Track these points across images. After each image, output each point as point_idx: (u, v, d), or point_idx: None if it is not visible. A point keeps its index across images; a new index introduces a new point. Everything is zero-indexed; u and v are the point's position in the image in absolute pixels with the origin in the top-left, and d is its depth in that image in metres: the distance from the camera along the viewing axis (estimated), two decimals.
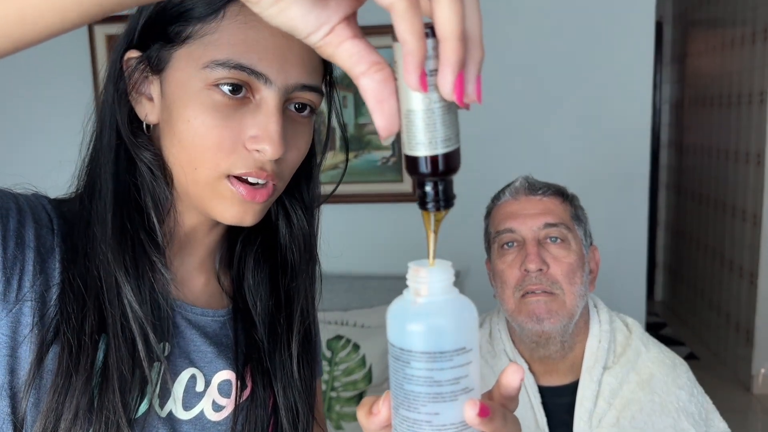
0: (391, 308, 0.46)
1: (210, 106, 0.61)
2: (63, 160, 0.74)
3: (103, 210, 0.65)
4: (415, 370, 0.44)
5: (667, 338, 4.41)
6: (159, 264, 0.66)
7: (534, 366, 1.22)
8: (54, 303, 0.62)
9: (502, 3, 2.47)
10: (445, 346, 0.44)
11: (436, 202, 0.44)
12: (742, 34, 3.67)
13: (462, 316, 0.46)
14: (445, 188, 0.44)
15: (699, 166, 4.41)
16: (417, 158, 0.43)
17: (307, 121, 0.66)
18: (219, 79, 0.61)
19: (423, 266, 0.46)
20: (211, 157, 0.62)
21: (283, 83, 0.62)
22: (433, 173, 0.43)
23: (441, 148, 0.42)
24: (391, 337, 0.46)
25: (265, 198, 0.64)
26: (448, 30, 0.38)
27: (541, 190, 1.20)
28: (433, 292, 0.45)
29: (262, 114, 0.61)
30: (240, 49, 0.60)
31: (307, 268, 0.77)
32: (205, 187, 0.64)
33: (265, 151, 0.61)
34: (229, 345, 0.74)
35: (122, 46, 0.66)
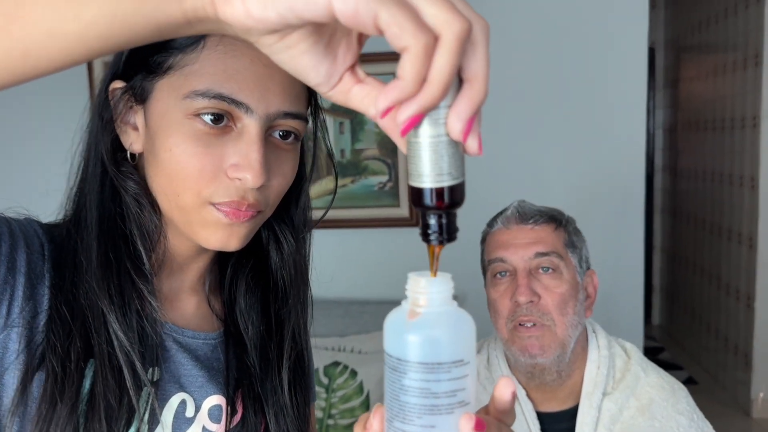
0: (389, 318, 0.46)
1: (191, 135, 0.62)
2: (50, 189, 0.74)
3: (88, 239, 0.65)
4: (411, 381, 0.44)
5: (666, 362, 4.39)
6: (145, 291, 0.66)
7: (532, 393, 1.21)
8: (41, 329, 0.62)
9: (497, 30, 2.49)
10: (442, 358, 0.44)
11: (439, 235, 0.44)
12: (733, 60, 3.72)
13: (460, 328, 0.45)
14: (448, 222, 0.44)
15: (694, 189, 4.44)
16: (422, 190, 0.43)
17: (291, 148, 0.67)
18: (200, 109, 0.61)
19: (423, 277, 0.46)
20: (193, 184, 0.62)
21: (264, 111, 0.62)
22: (438, 206, 0.43)
23: (446, 181, 0.42)
24: (388, 347, 0.45)
25: (249, 218, 0.64)
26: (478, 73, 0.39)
27: (532, 219, 1.20)
28: (432, 303, 0.45)
29: (243, 142, 0.62)
30: (220, 78, 0.61)
31: (299, 292, 0.77)
32: (189, 213, 0.64)
33: (246, 180, 0.61)
34: (220, 369, 0.73)
35: (108, 76, 0.67)
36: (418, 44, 0.36)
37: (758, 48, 3.36)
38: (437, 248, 0.45)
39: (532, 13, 2.50)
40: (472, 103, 0.39)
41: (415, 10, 0.37)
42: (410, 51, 0.37)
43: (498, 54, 2.66)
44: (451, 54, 0.37)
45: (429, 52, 0.37)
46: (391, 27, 0.36)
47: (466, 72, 0.39)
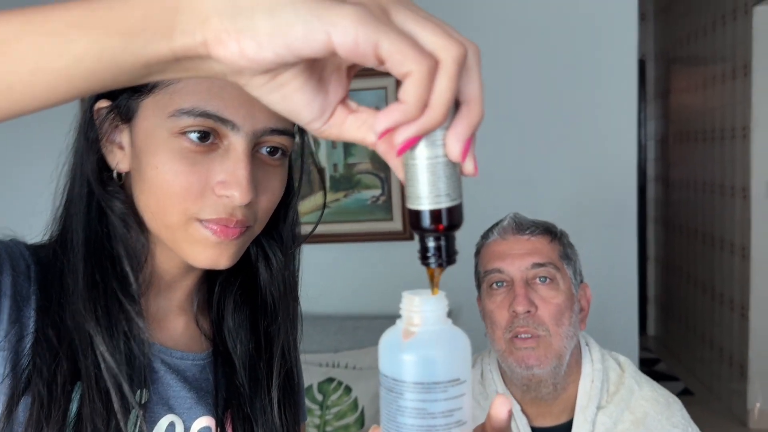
0: (384, 338, 0.46)
1: (178, 152, 0.61)
2: (36, 210, 0.74)
3: (74, 260, 0.65)
4: (407, 402, 0.44)
5: (661, 374, 4.38)
6: (133, 312, 0.65)
7: (527, 407, 1.20)
8: (27, 353, 0.61)
9: (486, 43, 2.51)
10: (438, 377, 0.43)
11: (438, 258, 0.44)
12: (722, 71, 3.75)
13: (456, 347, 0.45)
14: (447, 244, 0.44)
15: (686, 199, 4.46)
16: (420, 212, 0.42)
17: (279, 164, 0.66)
18: (185, 127, 0.61)
19: (417, 295, 0.45)
20: (179, 201, 0.62)
21: (250, 128, 0.62)
22: (437, 228, 0.43)
23: (444, 203, 0.42)
24: (384, 367, 0.45)
25: (238, 235, 0.64)
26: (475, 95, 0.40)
27: (529, 230, 1.20)
28: (426, 321, 0.45)
29: (230, 160, 0.61)
30: (205, 96, 0.61)
31: (288, 309, 0.76)
32: (176, 232, 0.64)
33: (234, 197, 0.61)
34: (209, 390, 0.73)
35: (93, 96, 0.66)
36: (421, 69, 0.37)
37: (747, 59, 3.39)
38: (437, 271, 0.45)
39: (521, 27, 2.51)
40: (470, 124, 0.40)
41: (413, 38, 0.37)
42: (413, 76, 0.37)
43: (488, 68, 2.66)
44: (451, 78, 0.37)
45: (431, 77, 0.37)
46: (393, 55, 0.36)
47: (463, 95, 0.39)
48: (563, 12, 2.50)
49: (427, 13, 0.39)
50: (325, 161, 2.60)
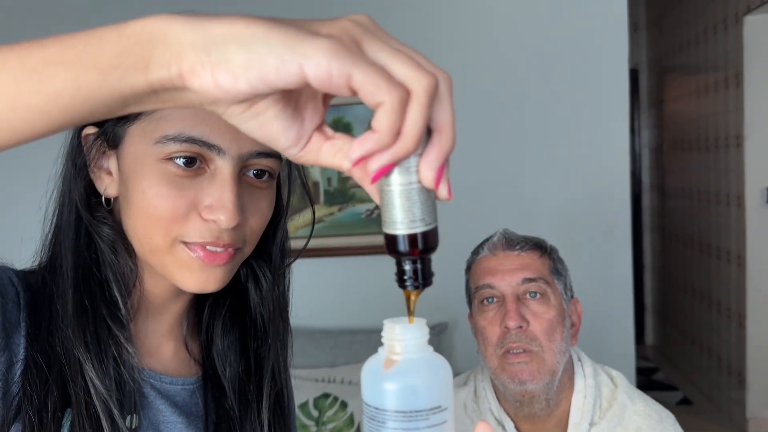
0: (366, 367, 0.46)
1: (165, 176, 0.62)
2: (25, 237, 0.74)
3: (64, 286, 0.65)
4: (390, 430, 0.44)
5: (660, 383, 4.37)
6: (121, 338, 0.65)
7: (520, 424, 1.20)
8: (17, 380, 0.61)
9: (477, 56, 2.52)
10: (420, 405, 0.43)
11: (415, 280, 0.44)
12: (715, 80, 3.77)
13: (437, 374, 0.45)
14: (423, 267, 0.44)
15: (681, 208, 4.47)
16: (396, 236, 0.43)
17: (266, 186, 0.67)
18: (172, 153, 0.61)
19: (398, 323, 0.45)
20: (165, 225, 0.62)
21: (236, 152, 0.62)
22: (412, 252, 0.43)
23: (419, 227, 0.43)
24: (366, 396, 0.45)
25: (226, 260, 0.64)
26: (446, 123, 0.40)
27: (519, 245, 1.20)
28: (407, 349, 0.45)
29: (216, 184, 0.62)
30: (190, 122, 0.61)
31: (278, 329, 0.76)
32: (163, 255, 0.64)
33: (220, 221, 0.61)
34: (199, 414, 0.72)
35: None
36: (393, 99, 0.37)
37: (738, 68, 3.41)
38: (413, 294, 0.45)
39: (512, 39, 2.52)
40: (442, 151, 0.40)
41: (385, 69, 0.38)
42: (385, 106, 0.37)
43: (481, 79, 2.68)
44: (422, 107, 0.38)
45: (403, 106, 0.38)
46: (365, 86, 0.37)
47: (435, 123, 0.40)
48: (554, 23, 2.51)
49: (400, 43, 0.40)
50: (319, 175, 2.61)
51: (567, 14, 2.51)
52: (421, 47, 0.43)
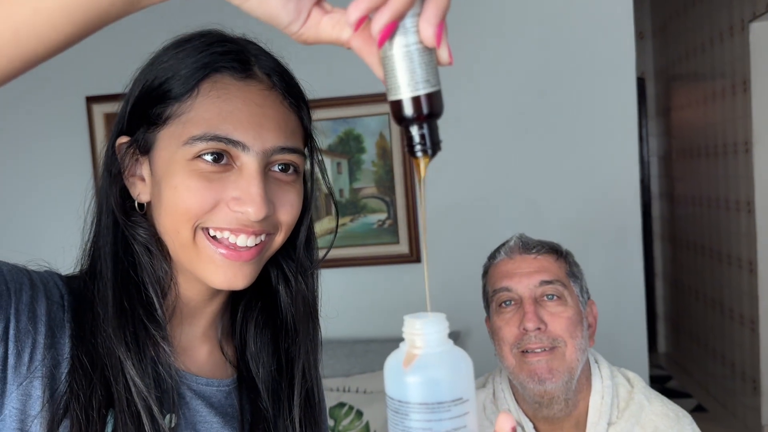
0: (388, 362, 0.47)
1: (195, 172, 0.65)
2: (66, 246, 0.77)
3: (104, 289, 0.68)
4: (413, 422, 0.45)
5: (674, 391, 4.35)
6: (158, 337, 0.68)
7: (539, 425, 1.21)
8: (64, 379, 0.63)
9: (485, 67, 2.55)
10: (442, 397, 0.45)
11: (423, 145, 0.45)
12: (722, 87, 3.77)
13: (458, 367, 0.46)
14: (431, 132, 0.45)
15: (692, 215, 4.46)
16: (400, 101, 0.44)
17: (292, 180, 0.69)
18: (200, 151, 0.64)
19: (418, 318, 0.47)
20: (192, 216, 0.65)
21: (260, 148, 0.65)
22: (417, 114, 0.44)
23: (422, 89, 0.44)
24: (389, 390, 0.46)
25: (252, 257, 0.66)
26: None
27: (535, 249, 1.22)
28: (429, 343, 0.46)
29: (243, 178, 0.65)
30: (215, 121, 0.64)
31: (308, 328, 0.78)
32: (190, 250, 0.66)
33: (248, 213, 0.64)
34: (235, 415, 0.74)
35: (114, 134, 0.71)
36: None
37: (746, 75, 3.41)
38: (423, 161, 0.46)
39: (520, 49, 2.55)
40: (439, 8, 0.42)
41: None
42: None
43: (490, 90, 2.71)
44: None
45: None
46: None
47: None
48: (561, 34, 2.53)
49: None
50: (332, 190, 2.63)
51: (573, 24, 2.53)
52: None
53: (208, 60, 0.66)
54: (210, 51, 0.66)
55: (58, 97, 2.64)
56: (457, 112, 2.52)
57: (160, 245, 0.69)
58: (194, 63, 0.66)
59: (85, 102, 2.62)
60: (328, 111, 2.53)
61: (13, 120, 2.66)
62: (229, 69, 0.66)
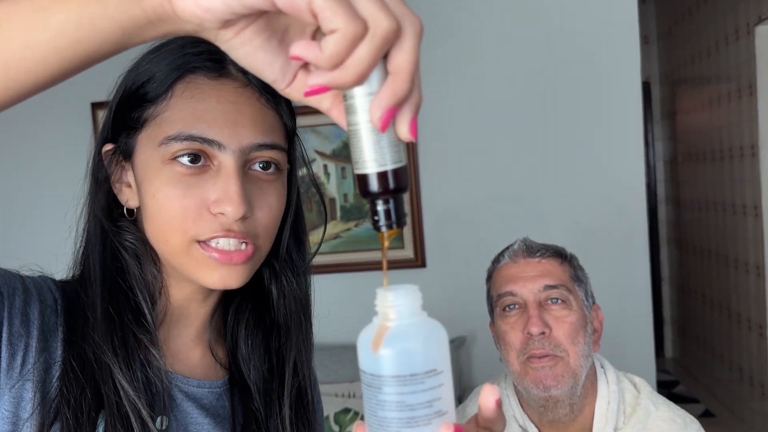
0: (361, 336, 0.46)
1: (172, 178, 0.65)
2: (58, 253, 0.77)
3: (93, 294, 0.68)
4: (386, 396, 0.44)
5: (681, 396, 4.32)
6: (147, 342, 0.68)
7: (544, 429, 1.20)
8: (55, 383, 0.64)
9: (493, 67, 2.55)
10: (415, 369, 0.44)
11: (387, 219, 0.45)
12: (728, 91, 3.76)
13: (431, 338, 0.45)
14: (397, 206, 0.45)
15: (698, 219, 4.44)
16: (366, 175, 0.44)
17: (273, 179, 0.69)
18: (175, 153, 0.64)
19: (390, 291, 0.46)
20: (178, 226, 0.65)
21: (237, 146, 0.65)
22: (384, 190, 0.44)
23: (389, 164, 0.43)
24: (362, 364, 0.45)
25: (243, 259, 0.66)
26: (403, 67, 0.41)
27: (539, 252, 1.22)
28: (401, 315, 0.45)
29: (221, 178, 0.64)
30: (189, 121, 0.64)
31: (300, 327, 0.77)
32: (181, 256, 0.66)
33: (227, 213, 0.63)
34: (227, 416, 0.74)
35: (100, 140, 0.71)
36: (347, 29, 0.38)
37: (751, 78, 3.40)
38: (387, 235, 0.46)
39: (524, 54, 2.54)
40: (394, 94, 0.41)
41: (350, 2, 0.39)
42: (337, 33, 0.39)
43: (494, 94, 2.70)
44: (373, 47, 0.39)
45: (355, 41, 0.39)
46: (324, 11, 0.38)
47: (392, 65, 0.41)
48: (566, 38, 2.53)
49: None
50: (335, 191, 2.63)
51: (578, 29, 2.52)
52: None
53: (182, 61, 0.66)
54: (184, 52, 0.67)
55: (63, 104, 2.64)
56: (461, 116, 2.52)
57: (149, 250, 0.70)
58: (168, 65, 0.66)
59: (91, 108, 2.64)
60: None
61: (18, 126, 2.67)
62: (203, 69, 0.66)
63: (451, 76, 2.49)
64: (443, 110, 2.50)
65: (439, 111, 2.49)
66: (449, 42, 2.53)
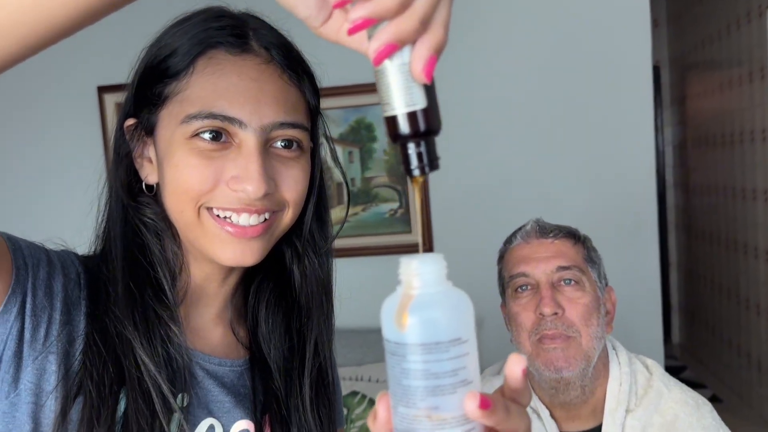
0: (385, 304, 0.45)
1: (195, 151, 0.64)
2: (81, 228, 0.77)
3: (114, 270, 0.68)
4: (411, 364, 0.43)
5: (688, 381, 4.28)
6: (166, 317, 0.67)
7: (555, 412, 1.20)
8: (78, 356, 0.64)
9: (500, 54, 2.53)
10: (440, 337, 0.43)
11: (420, 163, 0.44)
12: (739, 75, 3.72)
13: (456, 307, 0.44)
14: (428, 149, 0.44)
15: (707, 205, 4.41)
16: (395, 117, 0.43)
17: (296, 156, 0.68)
18: (197, 130, 0.64)
19: (415, 259, 0.45)
20: (194, 196, 0.65)
21: (258, 124, 0.64)
22: (414, 132, 0.43)
23: (419, 104, 0.42)
24: (386, 332, 0.45)
25: (259, 233, 0.66)
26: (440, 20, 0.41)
27: (552, 233, 1.21)
28: (426, 283, 0.44)
29: (242, 156, 0.64)
30: (210, 99, 0.64)
31: (321, 307, 0.77)
32: (195, 229, 0.66)
33: (248, 192, 0.63)
34: (247, 395, 0.74)
35: (122, 116, 0.71)
36: None
37: (763, 61, 3.36)
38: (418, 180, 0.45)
39: (535, 37, 2.52)
40: (432, 44, 0.41)
41: None
42: None
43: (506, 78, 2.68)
44: None
45: None
46: None
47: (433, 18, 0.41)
48: (576, 21, 2.51)
49: None
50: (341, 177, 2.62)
51: (589, 12, 2.50)
52: None
53: (204, 36, 0.65)
54: (206, 26, 0.66)
55: (70, 87, 2.64)
56: (471, 100, 2.50)
57: (169, 227, 0.69)
58: (190, 39, 0.66)
59: (97, 92, 2.63)
60: (339, 99, 2.52)
61: (26, 110, 2.67)
62: (225, 44, 0.66)
63: (458, 59, 2.47)
64: (451, 94, 2.49)
65: (447, 94, 2.47)
66: (458, 25, 2.50)
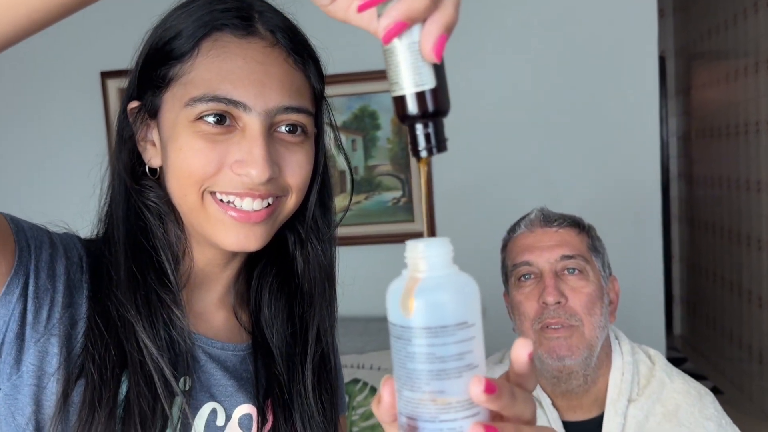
0: (391, 287, 0.45)
1: (199, 134, 0.64)
2: (83, 211, 0.77)
3: (117, 253, 0.68)
4: (416, 347, 0.43)
5: (689, 373, 4.24)
6: (169, 301, 0.67)
7: (557, 401, 1.19)
8: (80, 339, 0.64)
9: (507, 43, 2.51)
10: (446, 321, 0.42)
11: (428, 144, 0.43)
12: (744, 65, 3.70)
13: (462, 290, 0.44)
14: (436, 130, 0.43)
15: (710, 196, 4.40)
16: (403, 97, 0.42)
17: (300, 141, 0.68)
18: (201, 113, 0.64)
19: (421, 242, 0.44)
20: (197, 180, 0.64)
21: (262, 108, 0.64)
22: (423, 112, 0.42)
23: (428, 84, 0.42)
24: (391, 316, 0.44)
25: (264, 217, 0.65)
26: None
27: (556, 222, 1.20)
28: (432, 267, 0.44)
29: (246, 140, 0.63)
30: (215, 81, 0.63)
31: (324, 293, 0.77)
32: (198, 213, 0.66)
33: (251, 176, 0.63)
34: (249, 379, 0.74)
35: (126, 98, 0.70)
36: None
37: None
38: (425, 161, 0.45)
39: (541, 26, 2.51)
40: (442, 22, 0.40)
41: None
42: None
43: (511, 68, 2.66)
44: None
45: None
46: None
47: None
48: (582, 11, 2.49)
49: None
50: (345, 163, 2.62)
51: (595, 2, 2.48)
52: None
53: (209, 18, 0.65)
54: (211, 8, 0.65)
55: (73, 73, 2.64)
56: (475, 90, 2.49)
57: (172, 210, 0.69)
58: (195, 21, 0.65)
59: (100, 77, 2.62)
60: (342, 87, 2.50)
61: (30, 95, 2.67)
62: (230, 26, 0.65)
63: (464, 49, 2.45)
64: (455, 84, 2.47)
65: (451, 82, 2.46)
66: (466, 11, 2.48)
